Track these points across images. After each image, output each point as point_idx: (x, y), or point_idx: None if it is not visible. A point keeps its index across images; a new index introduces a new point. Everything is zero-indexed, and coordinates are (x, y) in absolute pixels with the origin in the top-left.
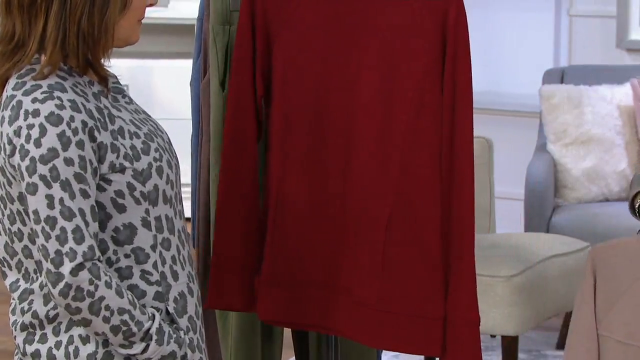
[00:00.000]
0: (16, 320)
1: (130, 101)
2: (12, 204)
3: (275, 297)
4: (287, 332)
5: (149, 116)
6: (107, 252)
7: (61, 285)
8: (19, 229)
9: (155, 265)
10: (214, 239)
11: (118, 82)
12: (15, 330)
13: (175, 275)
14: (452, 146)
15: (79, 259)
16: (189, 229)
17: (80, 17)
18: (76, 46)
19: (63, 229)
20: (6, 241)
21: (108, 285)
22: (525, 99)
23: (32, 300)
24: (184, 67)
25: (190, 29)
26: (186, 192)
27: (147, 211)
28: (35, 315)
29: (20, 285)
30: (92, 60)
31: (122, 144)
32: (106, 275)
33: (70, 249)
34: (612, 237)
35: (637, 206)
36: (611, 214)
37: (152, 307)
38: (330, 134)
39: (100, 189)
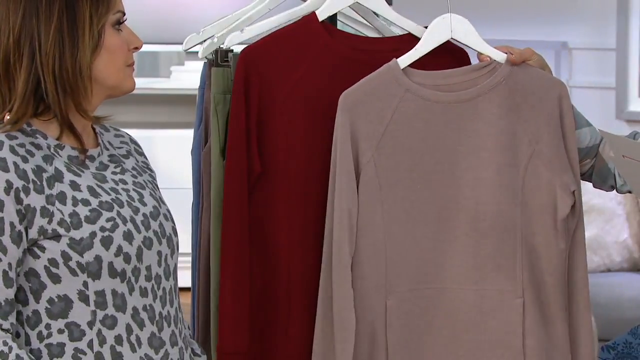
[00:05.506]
0: None
1: (123, 171)
2: None
3: None
4: None
5: (147, 188)
6: (39, 325)
7: None
8: None
9: (90, 345)
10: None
11: (122, 156)
12: None
13: (117, 358)
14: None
15: None
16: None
17: (54, 65)
18: (56, 96)
19: None
20: None
21: (3, 356)
22: None
23: None
24: (185, 137)
25: (191, 99)
26: (186, 262)
27: (85, 284)
28: None
29: None
30: (70, 118)
31: (59, 209)
32: (6, 345)
33: None
34: (615, 308)
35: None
36: (613, 284)
37: None
38: None
39: (34, 255)
